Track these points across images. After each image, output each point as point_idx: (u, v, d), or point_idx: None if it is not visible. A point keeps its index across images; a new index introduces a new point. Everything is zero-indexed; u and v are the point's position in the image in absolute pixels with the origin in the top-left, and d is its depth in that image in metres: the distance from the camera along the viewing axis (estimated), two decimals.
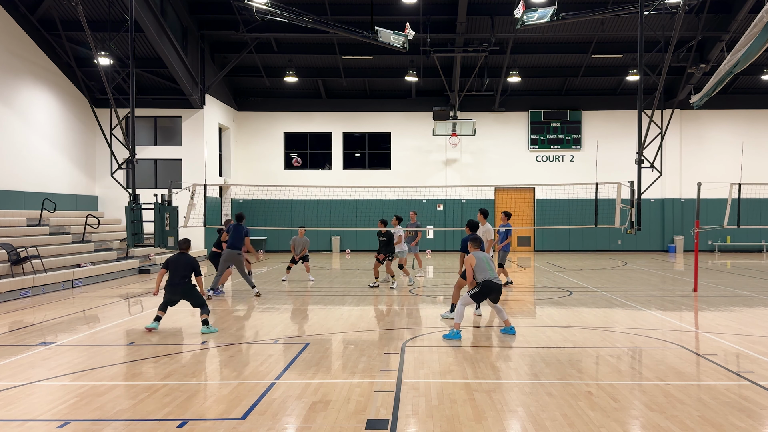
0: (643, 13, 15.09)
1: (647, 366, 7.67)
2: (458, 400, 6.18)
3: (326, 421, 5.61)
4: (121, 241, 19.78)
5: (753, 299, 13.23)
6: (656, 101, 15.77)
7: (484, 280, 9.22)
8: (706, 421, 5.60)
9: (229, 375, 7.22)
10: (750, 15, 21.14)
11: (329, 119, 28.68)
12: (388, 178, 27.76)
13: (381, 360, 7.85)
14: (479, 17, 23.26)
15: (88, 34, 15.58)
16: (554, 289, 14.80)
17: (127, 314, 11.69)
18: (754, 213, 22.95)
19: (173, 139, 24.96)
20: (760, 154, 27.52)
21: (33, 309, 12.23)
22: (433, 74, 25.93)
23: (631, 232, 14.90)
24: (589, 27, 23.47)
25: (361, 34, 20.66)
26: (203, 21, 23.92)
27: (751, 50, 9.52)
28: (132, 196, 14.71)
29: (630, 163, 16.95)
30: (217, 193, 25.81)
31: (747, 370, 7.35)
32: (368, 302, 12.93)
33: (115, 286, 15.93)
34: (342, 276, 18.26)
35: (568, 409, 5.90)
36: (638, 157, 15.17)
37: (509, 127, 28.46)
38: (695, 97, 12.05)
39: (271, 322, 10.74)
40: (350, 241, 27.97)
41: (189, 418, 5.70)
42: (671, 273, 19.27)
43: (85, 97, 22.40)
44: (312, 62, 26.67)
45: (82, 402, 6.19)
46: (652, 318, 10.92)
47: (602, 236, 27.86)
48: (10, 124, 19.37)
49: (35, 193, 20.08)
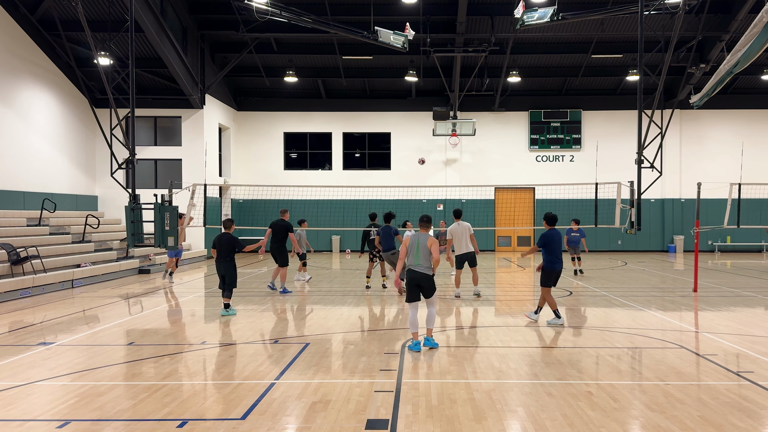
0: (643, 13, 15.08)
1: (647, 366, 7.67)
2: (458, 400, 6.18)
3: (326, 421, 5.61)
4: (121, 241, 19.79)
5: (753, 299, 13.23)
6: (656, 101, 15.77)
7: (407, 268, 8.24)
8: (706, 421, 5.60)
9: (229, 375, 7.22)
10: (750, 15, 21.14)
11: (329, 119, 28.69)
12: (388, 178, 27.76)
13: (381, 360, 7.85)
14: (479, 17, 23.26)
15: (88, 34, 15.57)
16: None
17: (127, 314, 11.69)
18: (754, 213, 22.91)
19: (173, 139, 24.96)
20: (760, 154, 27.52)
21: (33, 309, 12.23)
22: (433, 74, 25.93)
23: (631, 232, 14.89)
24: (589, 27, 23.47)
25: (361, 34, 20.66)
26: (203, 21, 23.92)
27: (751, 50, 9.52)
28: (132, 196, 14.70)
29: (630, 163, 16.94)
30: (217, 193, 25.81)
31: (747, 370, 7.35)
32: (368, 302, 12.93)
33: (115, 286, 15.93)
34: (342, 276, 18.26)
35: (568, 409, 5.90)
36: (638, 157, 15.16)
37: (509, 127, 28.46)
38: (695, 97, 12.05)
39: (271, 322, 10.74)
40: (350, 241, 27.97)
41: (189, 418, 5.70)
42: (671, 273, 19.26)
43: (85, 97, 22.40)
44: (312, 62, 26.67)
45: (82, 402, 6.19)
46: (652, 318, 10.92)
47: (602, 236, 27.84)
48: (10, 124, 19.38)
49: (35, 193, 20.08)
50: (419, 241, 8.26)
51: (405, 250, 8.37)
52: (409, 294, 8.31)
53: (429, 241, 8.24)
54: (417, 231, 15.16)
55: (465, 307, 12.18)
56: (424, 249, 8.22)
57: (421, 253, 8.21)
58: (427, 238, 8.27)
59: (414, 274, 8.21)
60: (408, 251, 8.33)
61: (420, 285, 8.23)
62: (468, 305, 12.35)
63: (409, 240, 8.35)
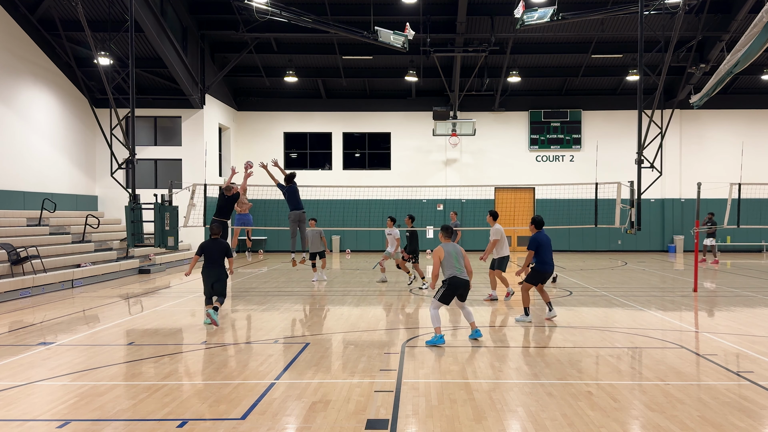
0: (643, 13, 15.09)
1: (647, 366, 7.67)
2: (458, 400, 6.18)
3: (326, 421, 5.61)
4: (121, 241, 19.78)
5: (753, 299, 13.23)
6: (656, 101, 15.77)
7: (449, 276, 8.73)
8: (706, 421, 5.60)
9: (229, 375, 7.22)
10: (750, 15, 21.13)
11: (329, 119, 28.68)
12: (388, 178, 27.75)
13: (381, 360, 7.85)
14: (479, 17, 23.25)
15: (88, 34, 15.58)
16: (554, 289, 14.79)
17: (127, 314, 11.69)
18: (754, 213, 22.92)
19: (173, 139, 24.95)
20: (760, 154, 27.51)
21: (33, 309, 12.23)
22: (433, 74, 25.93)
23: (631, 232, 14.90)
24: (589, 27, 23.47)
25: (361, 34, 20.66)
26: (203, 21, 23.91)
27: (751, 50, 9.52)
28: (132, 196, 14.72)
29: (630, 163, 16.95)
30: (216, 193, 25.78)
31: (747, 370, 7.35)
32: (368, 302, 12.93)
33: (115, 286, 15.93)
34: (342, 276, 18.26)
35: (568, 409, 5.90)
36: (638, 157, 15.16)
37: (509, 127, 28.46)
38: (695, 97, 12.06)
39: (271, 322, 10.74)
40: (350, 241, 27.96)
41: (189, 418, 5.70)
42: (671, 273, 19.26)
43: (85, 97, 22.38)
44: (312, 62, 26.67)
45: (82, 402, 6.19)
46: (652, 318, 10.92)
47: (602, 236, 27.85)
48: (10, 124, 19.37)
49: (35, 193, 20.07)
50: (456, 251, 8.85)
51: (440, 260, 8.79)
52: (447, 297, 8.81)
53: (462, 251, 8.96)
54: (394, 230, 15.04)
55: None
56: (461, 257, 8.86)
57: (459, 261, 8.82)
58: (460, 248, 8.99)
59: (458, 281, 8.74)
60: (446, 260, 8.77)
61: (462, 292, 8.85)
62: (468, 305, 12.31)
63: (443, 251, 8.79)
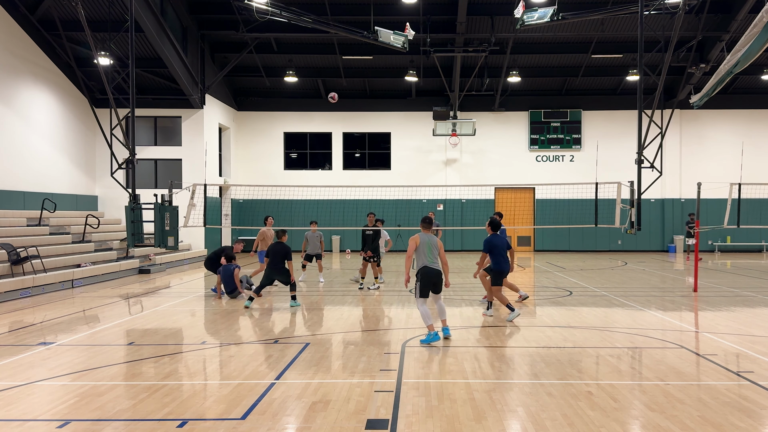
0: (643, 13, 15.09)
1: (647, 366, 7.67)
2: (458, 400, 6.18)
3: (326, 421, 5.61)
4: (121, 241, 19.78)
5: (753, 299, 13.23)
6: (656, 101, 15.77)
7: (421, 266, 8.66)
8: (706, 421, 5.60)
9: (229, 375, 7.22)
10: (750, 15, 21.13)
11: (329, 119, 28.68)
12: (388, 178, 27.75)
13: (381, 360, 7.85)
14: (479, 17, 23.25)
15: (88, 34, 15.59)
16: (554, 289, 14.79)
17: (127, 314, 11.69)
18: (754, 213, 22.89)
19: (173, 139, 24.95)
20: (760, 154, 27.52)
21: (33, 309, 12.23)
22: (433, 74, 25.93)
23: (631, 232, 14.89)
24: (589, 27, 23.47)
25: (361, 34, 20.66)
26: (203, 21, 23.91)
27: (751, 50, 9.52)
28: (132, 196, 14.72)
29: (630, 163, 16.95)
30: (217, 193, 25.80)
31: (747, 370, 7.35)
32: (368, 302, 12.93)
33: (115, 286, 15.93)
34: (342, 276, 18.25)
35: (568, 409, 5.90)
36: (638, 157, 15.17)
37: (509, 127, 28.46)
38: (695, 97, 12.06)
39: (271, 322, 10.74)
40: (350, 241, 27.95)
41: (189, 418, 5.71)
42: (671, 273, 19.26)
43: (85, 97, 22.38)
44: (312, 62, 26.67)
45: (82, 402, 6.19)
46: (652, 318, 10.92)
47: (602, 236, 27.85)
48: (10, 124, 19.37)
49: (35, 193, 20.08)
50: (430, 242, 8.78)
51: (415, 245, 8.79)
52: (423, 290, 8.73)
53: (438, 242, 8.93)
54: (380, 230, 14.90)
55: (465, 307, 12.18)
56: (435, 249, 8.82)
57: (433, 252, 8.77)
58: (436, 239, 8.90)
59: (430, 270, 8.68)
60: (420, 249, 8.78)
61: (434, 282, 8.75)
62: (468, 305, 12.35)
63: (420, 239, 8.80)
